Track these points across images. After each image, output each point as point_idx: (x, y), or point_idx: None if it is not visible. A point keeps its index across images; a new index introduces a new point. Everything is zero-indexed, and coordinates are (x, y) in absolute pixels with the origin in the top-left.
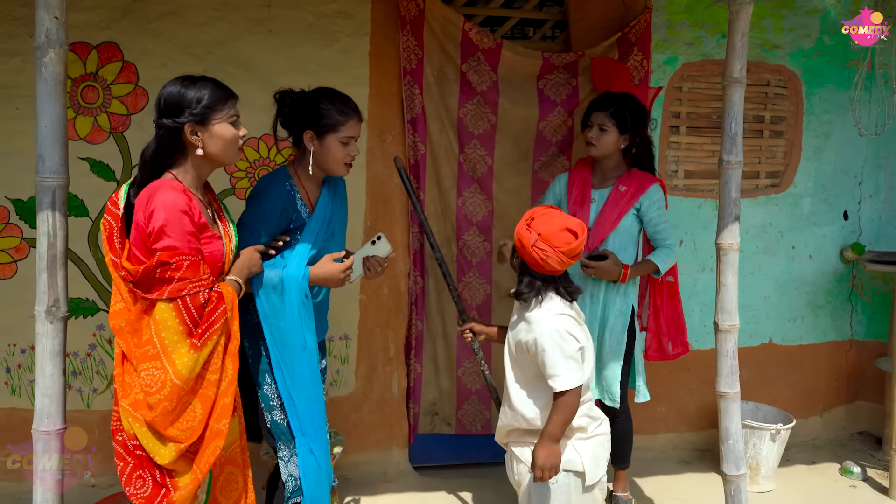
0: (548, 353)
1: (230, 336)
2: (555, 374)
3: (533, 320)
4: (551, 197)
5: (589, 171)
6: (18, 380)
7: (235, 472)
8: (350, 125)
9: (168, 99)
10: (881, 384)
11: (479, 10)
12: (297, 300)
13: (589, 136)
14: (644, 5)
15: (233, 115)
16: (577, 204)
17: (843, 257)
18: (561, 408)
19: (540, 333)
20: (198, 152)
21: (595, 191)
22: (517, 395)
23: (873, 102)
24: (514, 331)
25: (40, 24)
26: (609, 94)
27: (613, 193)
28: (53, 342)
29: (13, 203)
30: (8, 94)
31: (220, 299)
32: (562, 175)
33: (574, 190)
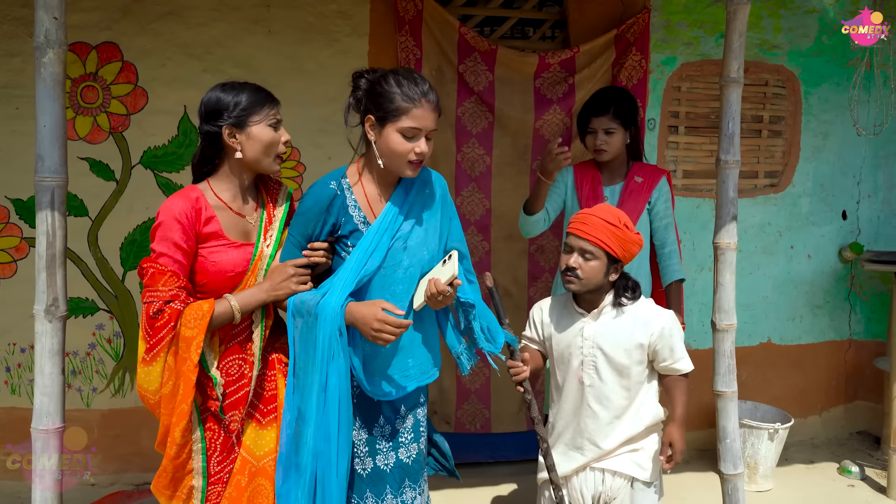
0: (675, 338)
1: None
2: (682, 357)
3: (646, 315)
4: (557, 193)
5: (596, 168)
6: (18, 379)
7: (266, 485)
8: (416, 114)
9: (207, 104)
10: (880, 384)
11: (478, 10)
12: (327, 333)
13: (598, 144)
14: (642, 5)
15: (272, 119)
16: (590, 200)
17: (841, 257)
18: (687, 389)
19: (666, 321)
20: (237, 155)
21: (606, 187)
22: (637, 406)
23: (872, 102)
24: (612, 341)
25: (39, 24)
26: (602, 94)
27: (630, 186)
28: (52, 341)
29: (13, 203)
30: (8, 94)
31: (173, 316)
32: (566, 170)
33: (584, 186)
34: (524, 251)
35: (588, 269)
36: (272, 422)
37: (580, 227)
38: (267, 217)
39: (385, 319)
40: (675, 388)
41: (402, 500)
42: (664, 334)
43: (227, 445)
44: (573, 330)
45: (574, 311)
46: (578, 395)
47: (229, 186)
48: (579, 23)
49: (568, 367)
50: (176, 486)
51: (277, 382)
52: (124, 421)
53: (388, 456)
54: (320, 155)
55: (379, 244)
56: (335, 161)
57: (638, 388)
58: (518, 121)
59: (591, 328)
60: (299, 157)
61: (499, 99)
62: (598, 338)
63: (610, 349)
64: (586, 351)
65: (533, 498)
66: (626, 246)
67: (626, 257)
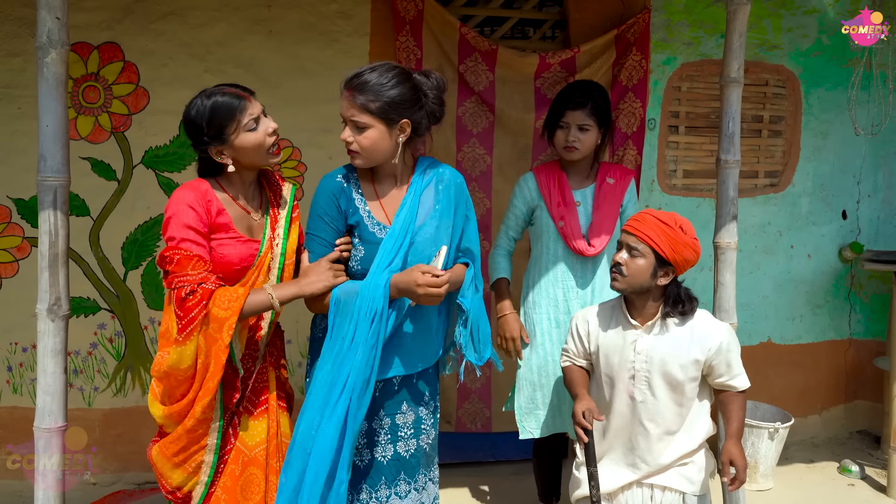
0: (732, 354)
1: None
2: (740, 373)
3: (703, 329)
4: (521, 201)
5: (560, 170)
6: (20, 378)
7: (258, 474)
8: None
9: (186, 128)
10: (880, 383)
11: (479, 11)
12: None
13: (569, 140)
14: (643, 5)
15: (248, 119)
16: (562, 206)
17: (841, 256)
18: (744, 405)
19: (723, 335)
20: (230, 169)
21: (576, 191)
22: (690, 423)
23: (871, 102)
24: (668, 356)
25: (42, 24)
26: (579, 87)
27: (602, 188)
28: (55, 340)
29: (15, 202)
30: (10, 94)
31: (205, 296)
32: (525, 176)
33: (552, 190)
34: (524, 251)
35: (633, 266)
36: (263, 413)
37: (632, 223)
38: (272, 217)
39: (427, 281)
40: (732, 404)
41: (396, 493)
42: (722, 349)
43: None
44: (625, 343)
45: (626, 321)
46: (629, 410)
47: (234, 184)
48: (579, 23)
49: (618, 381)
50: (186, 457)
51: (269, 375)
52: (126, 420)
53: (385, 448)
54: (321, 154)
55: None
56: (336, 161)
57: (690, 403)
58: (518, 120)
59: (645, 342)
60: (300, 156)
61: (499, 99)
62: (653, 352)
63: (665, 364)
64: (639, 366)
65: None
66: (677, 248)
67: (678, 262)
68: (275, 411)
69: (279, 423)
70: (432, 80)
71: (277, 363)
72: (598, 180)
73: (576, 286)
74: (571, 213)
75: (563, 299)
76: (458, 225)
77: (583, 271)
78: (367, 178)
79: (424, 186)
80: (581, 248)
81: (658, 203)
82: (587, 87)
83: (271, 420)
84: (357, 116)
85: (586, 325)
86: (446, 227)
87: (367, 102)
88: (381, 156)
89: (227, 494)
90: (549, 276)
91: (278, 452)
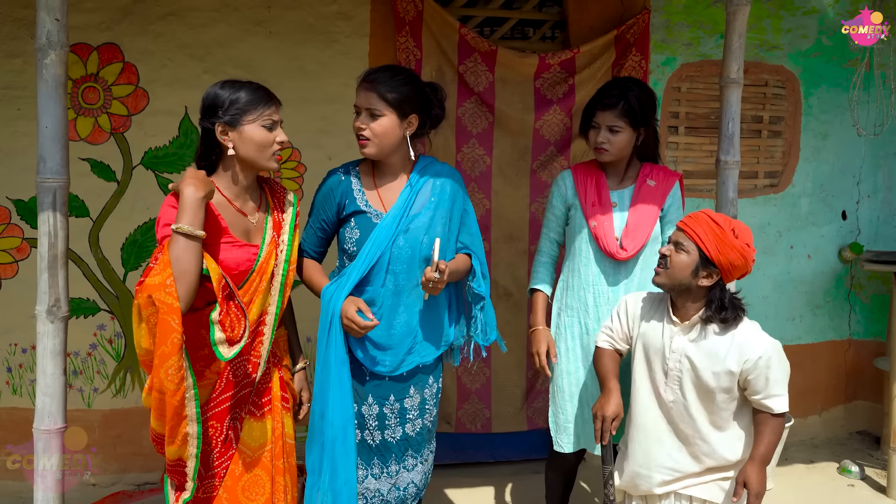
0: (773, 371)
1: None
2: (778, 394)
3: (742, 339)
4: (559, 199)
5: (599, 169)
6: (19, 379)
7: (262, 475)
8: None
9: (205, 100)
10: (879, 383)
11: (478, 11)
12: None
13: (599, 142)
14: (642, 6)
15: (267, 119)
16: (597, 206)
17: (841, 257)
18: (777, 429)
19: (764, 350)
20: (229, 153)
21: (613, 192)
22: (718, 440)
23: (871, 103)
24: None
25: (41, 25)
26: (615, 85)
27: (642, 190)
28: (54, 342)
29: (14, 203)
30: (9, 95)
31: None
32: (564, 173)
33: (588, 190)
34: (524, 251)
35: (676, 260)
36: (267, 414)
37: (685, 219)
38: (274, 221)
39: (352, 318)
40: (764, 426)
41: (404, 466)
42: (760, 365)
43: (226, 443)
44: (663, 337)
45: (667, 315)
46: (656, 408)
47: (229, 184)
48: (579, 23)
49: (651, 374)
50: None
51: (272, 376)
52: (125, 421)
53: (395, 430)
54: (321, 155)
55: (387, 233)
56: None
57: (720, 413)
58: (518, 121)
59: (680, 342)
60: (300, 157)
61: (499, 99)
62: (687, 354)
63: (698, 369)
64: (672, 364)
65: (533, 497)
66: (722, 249)
67: (723, 264)
68: (279, 412)
69: (283, 424)
70: (439, 93)
71: (280, 364)
72: (639, 181)
73: (607, 290)
74: (606, 214)
75: (594, 304)
76: (456, 218)
77: (615, 276)
78: (369, 173)
79: (422, 181)
80: (613, 251)
81: None
82: (623, 85)
83: (275, 421)
84: (374, 104)
85: (634, 307)
86: (442, 218)
87: (385, 93)
88: (389, 145)
89: (229, 493)
90: (581, 279)
91: (283, 453)
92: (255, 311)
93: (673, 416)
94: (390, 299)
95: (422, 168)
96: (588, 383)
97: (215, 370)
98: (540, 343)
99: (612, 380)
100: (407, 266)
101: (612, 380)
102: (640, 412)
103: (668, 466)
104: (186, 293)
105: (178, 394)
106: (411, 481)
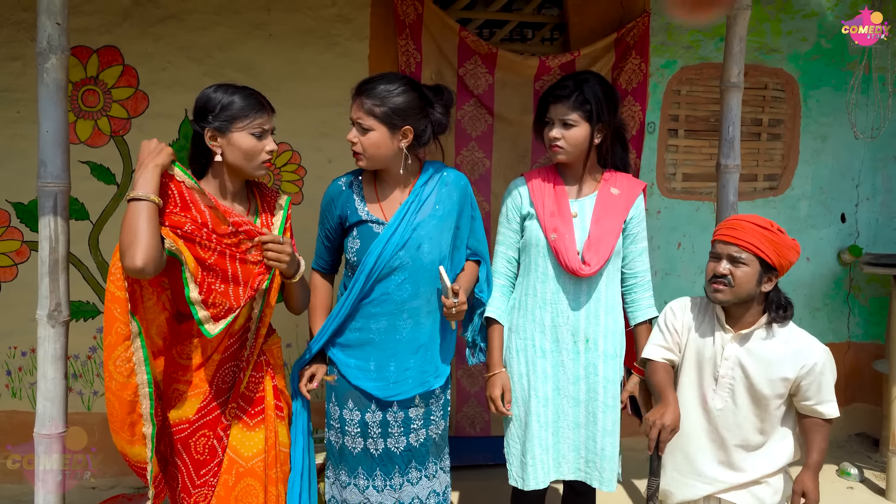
0: (826, 377)
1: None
2: (831, 400)
3: (798, 345)
4: (513, 210)
5: (556, 174)
6: (19, 382)
7: (256, 485)
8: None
9: (197, 103)
10: (878, 386)
11: (478, 14)
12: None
13: (552, 137)
14: (642, 9)
15: (257, 128)
16: (556, 216)
17: (840, 260)
18: (827, 435)
19: (820, 356)
20: (216, 158)
21: (573, 201)
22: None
23: (870, 106)
24: (757, 368)
25: (42, 30)
26: (569, 76)
27: (604, 199)
28: (55, 346)
29: (14, 206)
30: (9, 98)
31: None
32: (517, 180)
33: (545, 198)
34: None
35: (740, 276)
36: (259, 423)
37: (728, 231)
38: (262, 224)
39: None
40: (816, 433)
41: (408, 479)
42: (815, 371)
43: (213, 451)
44: (715, 345)
45: (718, 323)
46: (704, 416)
47: (217, 188)
48: (579, 26)
49: (700, 381)
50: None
51: (265, 384)
52: None
53: (398, 440)
54: (321, 158)
55: (387, 242)
56: (335, 164)
57: (772, 420)
58: (518, 124)
59: (734, 349)
60: (300, 160)
61: (499, 102)
62: (741, 361)
63: (752, 376)
64: (724, 371)
65: None
66: (781, 251)
67: (784, 266)
68: (272, 421)
69: (277, 434)
70: (443, 96)
71: (273, 372)
72: (601, 190)
73: (567, 309)
74: (566, 226)
75: (552, 325)
76: (465, 226)
77: (576, 293)
78: (371, 183)
79: (428, 189)
80: (574, 267)
81: (656, 206)
82: (578, 77)
83: (269, 431)
84: (362, 119)
85: (683, 315)
86: (448, 227)
87: (373, 107)
88: (383, 158)
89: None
90: (537, 296)
91: (277, 462)
92: (242, 316)
93: (718, 424)
94: (393, 309)
95: (428, 176)
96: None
97: (205, 378)
98: (494, 387)
99: (670, 392)
100: (410, 275)
101: (670, 392)
102: (684, 421)
103: (710, 475)
104: (144, 258)
105: (129, 388)
106: (416, 497)
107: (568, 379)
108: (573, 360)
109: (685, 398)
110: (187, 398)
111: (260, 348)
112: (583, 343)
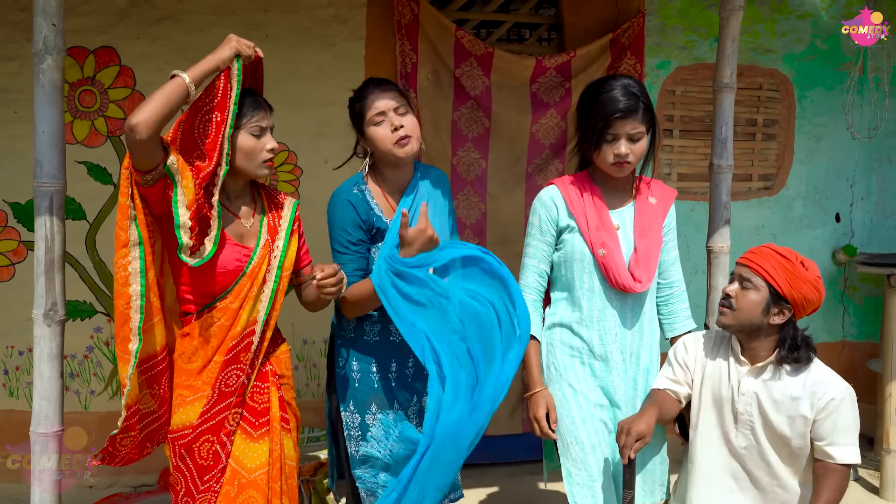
0: (842, 415)
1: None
2: (849, 443)
3: (815, 380)
4: (549, 221)
5: (592, 184)
6: (16, 381)
7: (258, 497)
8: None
9: None
10: (873, 385)
11: (474, 15)
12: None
13: (622, 154)
14: (637, 9)
15: (255, 126)
16: (599, 230)
17: (835, 259)
18: (839, 484)
19: (838, 392)
20: None
21: (612, 211)
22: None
23: (865, 106)
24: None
25: (38, 30)
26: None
27: (643, 210)
28: (51, 345)
29: (11, 206)
30: (6, 98)
31: None
32: (550, 190)
33: (587, 211)
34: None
35: (744, 300)
36: (264, 435)
37: (747, 254)
38: (269, 226)
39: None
40: (825, 478)
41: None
42: (831, 408)
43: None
44: (730, 379)
45: (733, 356)
46: (727, 456)
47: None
48: (575, 26)
49: (720, 419)
50: (124, 345)
51: (270, 395)
52: None
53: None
54: (317, 158)
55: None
56: (332, 164)
57: (797, 460)
58: (514, 124)
59: (750, 384)
60: (296, 160)
61: (495, 102)
62: (760, 395)
63: (770, 414)
64: (742, 408)
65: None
66: (795, 283)
67: (797, 300)
68: (277, 433)
69: (283, 446)
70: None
71: (280, 382)
72: (639, 199)
73: (617, 326)
74: (613, 240)
75: (600, 343)
76: (451, 219)
77: (622, 310)
78: (377, 185)
79: (424, 187)
80: (627, 284)
81: None
82: (627, 87)
83: (274, 443)
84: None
85: (696, 348)
86: (445, 222)
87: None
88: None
89: None
90: (583, 314)
91: (281, 475)
92: (244, 318)
93: (747, 463)
94: None
95: (421, 175)
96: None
97: (207, 381)
98: (538, 406)
99: (651, 406)
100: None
101: (651, 406)
102: (708, 462)
103: None
104: (140, 118)
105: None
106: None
107: (619, 397)
108: (622, 377)
109: (708, 439)
110: (190, 403)
111: (265, 354)
112: (630, 359)
